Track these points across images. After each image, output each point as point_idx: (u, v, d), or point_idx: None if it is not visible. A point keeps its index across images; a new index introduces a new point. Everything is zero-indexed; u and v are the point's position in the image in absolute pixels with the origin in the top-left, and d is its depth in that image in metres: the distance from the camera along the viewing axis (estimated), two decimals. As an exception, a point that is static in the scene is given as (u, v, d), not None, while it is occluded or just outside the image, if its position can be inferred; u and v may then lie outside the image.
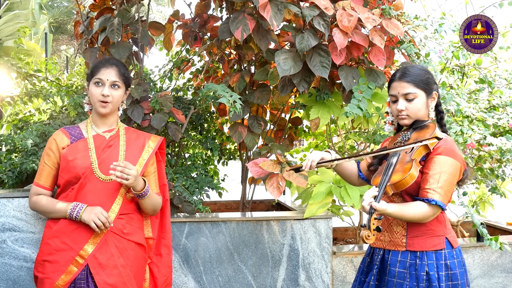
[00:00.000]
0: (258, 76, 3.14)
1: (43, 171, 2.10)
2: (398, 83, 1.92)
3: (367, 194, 1.70)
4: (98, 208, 1.99)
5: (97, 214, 1.96)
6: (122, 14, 2.95)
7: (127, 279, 2.02)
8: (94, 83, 2.07)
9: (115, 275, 1.99)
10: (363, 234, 1.61)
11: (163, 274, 2.24)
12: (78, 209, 1.98)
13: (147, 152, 2.16)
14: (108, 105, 2.06)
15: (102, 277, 1.97)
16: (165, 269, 2.26)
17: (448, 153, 1.81)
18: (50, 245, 2.00)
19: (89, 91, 2.09)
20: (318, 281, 2.93)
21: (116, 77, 2.08)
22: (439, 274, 1.80)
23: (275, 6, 2.57)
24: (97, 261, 1.98)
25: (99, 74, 2.06)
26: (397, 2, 2.99)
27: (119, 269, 2.00)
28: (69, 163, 2.03)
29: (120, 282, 1.99)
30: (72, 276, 1.95)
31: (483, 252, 3.13)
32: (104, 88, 2.05)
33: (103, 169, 2.04)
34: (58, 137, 2.09)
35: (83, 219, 1.97)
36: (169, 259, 2.27)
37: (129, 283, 2.02)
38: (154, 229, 2.25)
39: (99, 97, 2.05)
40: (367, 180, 2.14)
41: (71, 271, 1.96)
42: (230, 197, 3.95)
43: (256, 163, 2.29)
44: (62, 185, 2.07)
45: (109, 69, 2.07)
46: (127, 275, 2.03)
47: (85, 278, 1.97)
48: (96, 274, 1.96)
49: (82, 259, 1.97)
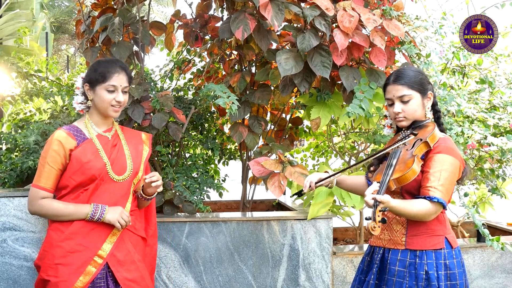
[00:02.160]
0: (259, 76, 3.14)
1: (45, 172, 2.01)
2: (392, 86, 1.93)
3: (369, 190, 1.71)
4: (120, 208, 2.03)
5: (121, 214, 2.01)
6: (123, 13, 2.95)
7: (144, 272, 2.08)
8: (106, 89, 2.04)
9: (133, 270, 2.04)
10: (368, 226, 1.63)
11: (149, 263, 2.27)
12: (101, 211, 1.99)
13: (145, 151, 2.21)
14: (120, 109, 2.09)
15: (122, 274, 2.00)
16: (151, 258, 2.29)
17: (447, 151, 1.83)
18: (63, 248, 1.97)
19: (97, 95, 2.05)
20: (318, 281, 2.93)
21: (127, 82, 2.09)
22: (438, 273, 1.81)
23: (276, 6, 2.57)
24: (116, 259, 2.01)
25: (112, 81, 2.03)
26: (398, 3, 2.99)
27: (136, 264, 2.05)
28: (83, 165, 2.00)
29: (138, 276, 2.04)
30: (91, 277, 1.95)
31: (483, 252, 3.14)
32: (118, 94, 2.05)
33: (115, 169, 2.06)
34: (63, 138, 2.02)
35: (107, 220, 1.99)
36: (155, 248, 2.31)
37: (145, 276, 2.08)
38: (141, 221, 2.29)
39: (112, 102, 2.05)
40: None
41: (90, 272, 1.96)
42: (231, 197, 3.95)
43: (258, 161, 2.30)
44: (71, 187, 2.02)
45: (121, 75, 2.06)
46: (144, 269, 2.09)
47: (104, 277, 1.98)
48: (116, 272, 1.99)
49: (101, 258, 1.98)
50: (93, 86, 2.06)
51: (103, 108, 2.06)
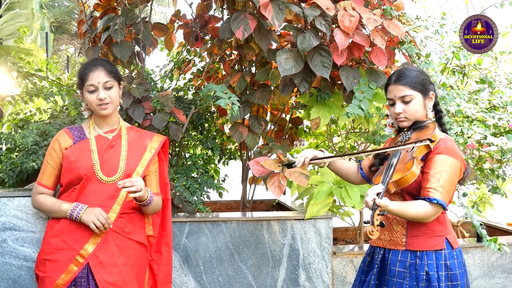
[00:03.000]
0: (259, 76, 3.14)
1: (45, 170, 2.11)
2: (394, 86, 1.93)
3: (371, 190, 1.71)
4: (98, 209, 2.00)
5: (96, 215, 1.98)
6: (126, 13, 2.95)
7: (128, 277, 2.03)
8: (87, 90, 2.04)
9: (115, 273, 2.00)
10: (367, 230, 1.63)
11: (163, 272, 2.26)
12: (78, 210, 1.99)
13: (149, 153, 2.16)
14: (108, 106, 2.06)
15: (103, 276, 1.97)
16: (165, 267, 2.27)
17: (448, 152, 1.82)
18: (51, 244, 2.02)
19: (85, 98, 2.07)
20: (318, 281, 2.93)
21: (106, 76, 2.05)
22: (439, 274, 1.81)
23: (277, 6, 2.57)
24: (98, 260, 1.99)
25: (89, 80, 2.03)
26: (398, 3, 2.99)
27: (119, 268, 2.01)
28: (71, 164, 2.04)
29: (120, 280, 2.00)
30: (72, 276, 1.96)
31: (483, 252, 3.14)
32: (99, 92, 2.03)
33: (104, 170, 2.05)
34: (62, 137, 2.10)
35: (83, 220, 1.98)
36: (169, 256, 2.29)
37: (129, 282, 2.03)
38: (155, 227, 2.27)
39: (96, 101, 2.04)
40: (368, 179, 2.15)
41: (71, 270, 1.97)
42: (231, 197, 3.95)
43: (257, 161, 2.29)
44: (64, 185, 2.09)
45: (97, 71, 2.04)
46: (128, 273, 2.03)
47: (86, 277, 1.98)
48: (96, 273, 1.97)
49: (83, 258, 1.98)
50: (81, 91, 2.10)
51: (93, 109, 2.09)
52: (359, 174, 2.18)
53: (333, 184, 3.03)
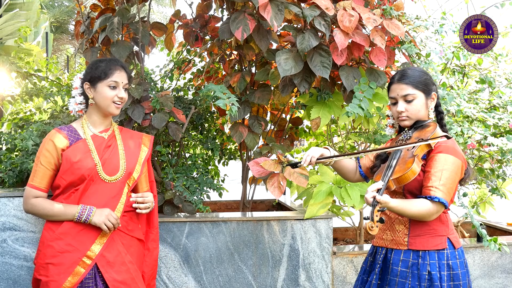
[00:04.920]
0: (259, 76, 3.14)
1: (37, 172, 2.03)
2: (397, 85, 1.94)
3: (371, 187, 1.71)
4: (107, 210, 2.01)
5: (107, 216, 1.99)
6: (122, 13, 2.94)
7: (135, 274, 2.06)
8: (108, 85, 2.05)
9: (123, 271, 2.02)
10: (366, 225, 1.63)
11: (150, 267, 2.27)
12: (88, 212, 1.98)
13: (144, 151, 2.20)
14: (121, 106, 2.10)
15: (111, 275, 1.99)
16: (152, 263, 2.28)
17: (449, 151, 1.82)
18: (53, 248, 1.98)
19: (98, 93, 2.05)
20: (318, 281, 2.93)
21: (127, 79, 2.12)
22: (441, 274, 1.81)
23: (276, 7, 2.57)
24: (106, 259, 2.00)
25: (114, 77, 2.06)
26: (398, 3, 2.99)
27: (127, 266, 2.04)
28: (73, 165, 2.01)
29: (129, 278, 2.02)
30: (80, 278, 1.96)
31: (483, 252, 3.14)
32: (120, 91, 2.07)
33: (106, 170, 2.05)
34: (56, 138, 2.04)
35: (93, 222, 1.98)
36: (156, 253, 2.30)
37: (137, 279, 2.06)
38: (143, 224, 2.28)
39: (114, 99, 2.06)
40: (365, 177, 2.16)
41: (78, 272, 1.96)
42: (231, 197, 3.95)
43: (257, 162, 2.29)
44: (63, 187, 2.04)
45: (122, 72, 2.09)
46: (135, 270, 2.07)
47: (93, 278, 1.98)
48: (105, 272, 1.98)
49: (90, 259, 1.98)
50: (94, 84, 2.06)
51: (104, 106, 2.06)
52: (357, 172, 2.19)
53: (332, 184, 3.03)
